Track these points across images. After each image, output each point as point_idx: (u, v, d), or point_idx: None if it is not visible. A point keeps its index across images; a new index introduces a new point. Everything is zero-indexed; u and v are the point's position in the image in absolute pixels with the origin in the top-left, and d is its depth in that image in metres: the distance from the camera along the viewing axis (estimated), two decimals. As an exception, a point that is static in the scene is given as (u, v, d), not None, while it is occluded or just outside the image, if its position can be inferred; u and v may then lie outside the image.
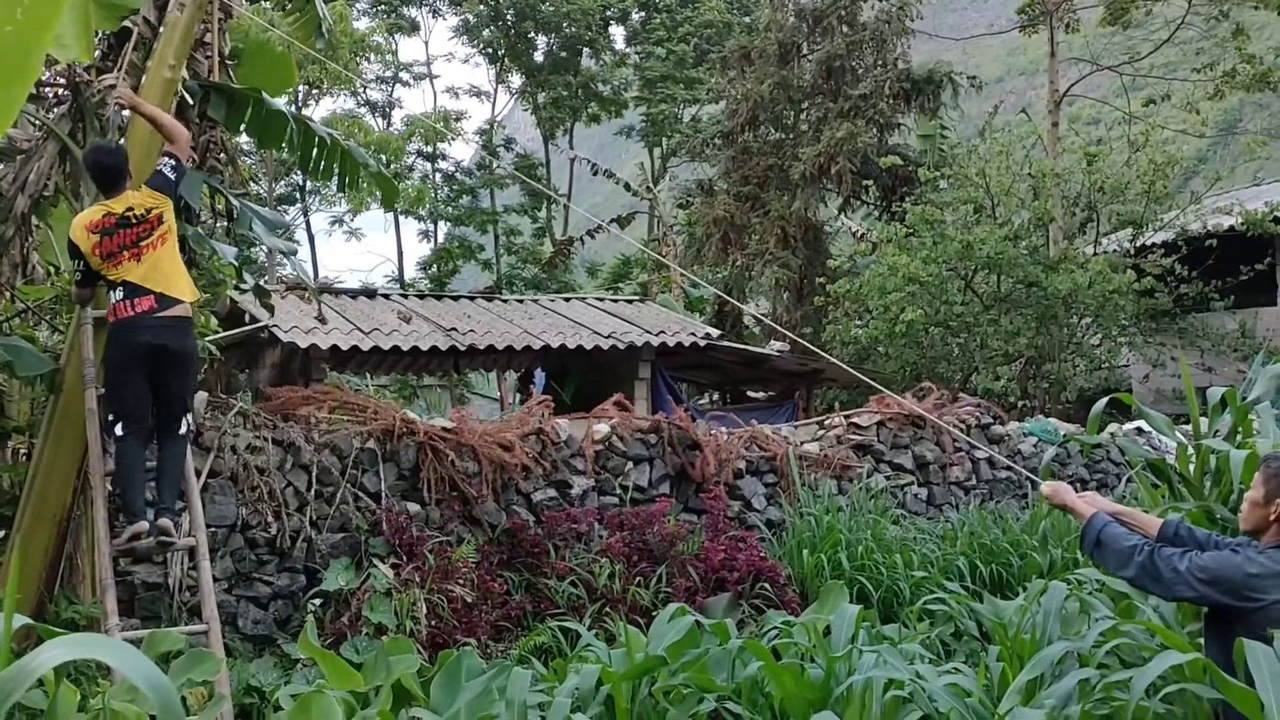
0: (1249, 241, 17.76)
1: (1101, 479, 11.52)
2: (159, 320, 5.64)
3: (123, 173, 5.74)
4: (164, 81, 6.26)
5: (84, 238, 5.62)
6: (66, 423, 6.13)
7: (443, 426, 8.03)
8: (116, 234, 5.60)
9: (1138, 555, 3.64)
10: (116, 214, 5.62)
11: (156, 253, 5.66)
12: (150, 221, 5.65)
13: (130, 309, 5.59)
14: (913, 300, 16.34)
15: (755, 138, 23.98)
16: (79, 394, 6.04)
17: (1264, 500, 3.71)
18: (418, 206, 32.95)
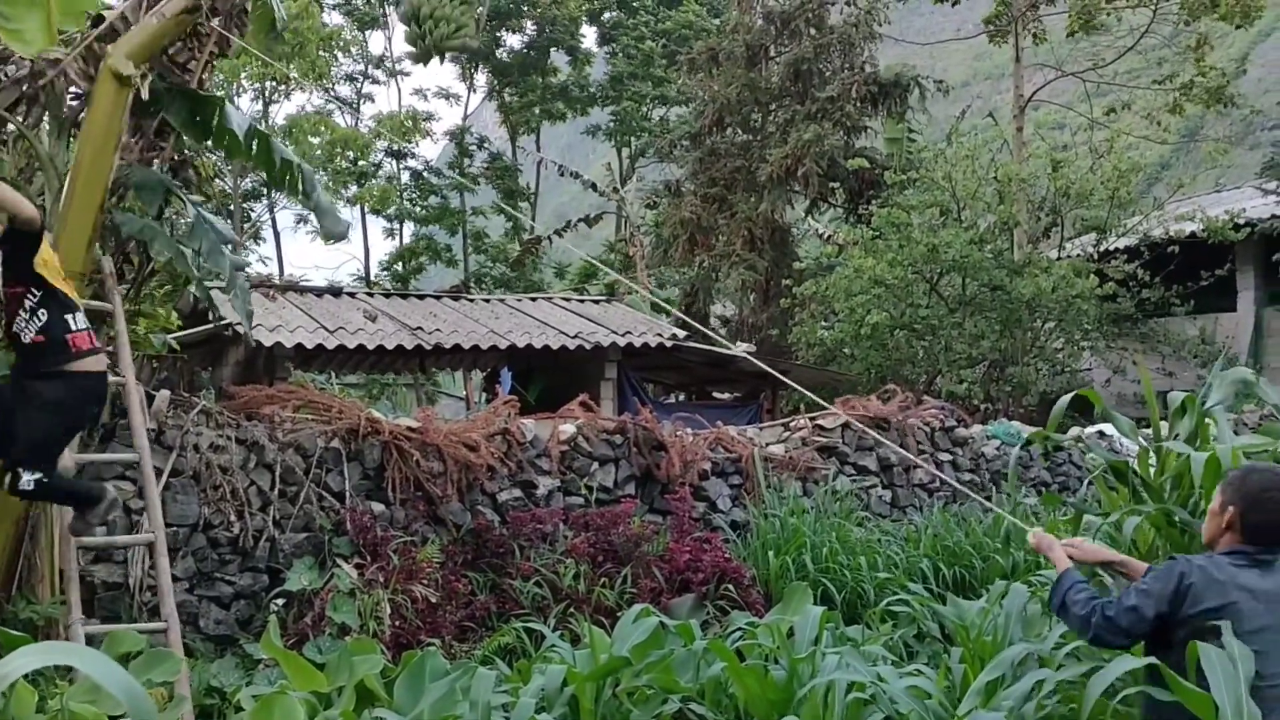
0: (1210, 248, 17.97)
1: (1064, 482, 11.62)
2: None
3: None
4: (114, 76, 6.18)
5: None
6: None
7: (408, 426, 8.00)
8: None
9: (1093, 618, 3.64)
10: None
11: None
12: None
13: (92, 342, 5.13)
14: (878, 303, 16.42)
15: (723, 139, 24.04)
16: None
17: (1219, 509, 3.75)
18: (384, 206, 32.84)
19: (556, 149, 37.07)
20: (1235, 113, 23.29)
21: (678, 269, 25.12)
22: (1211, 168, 21.08)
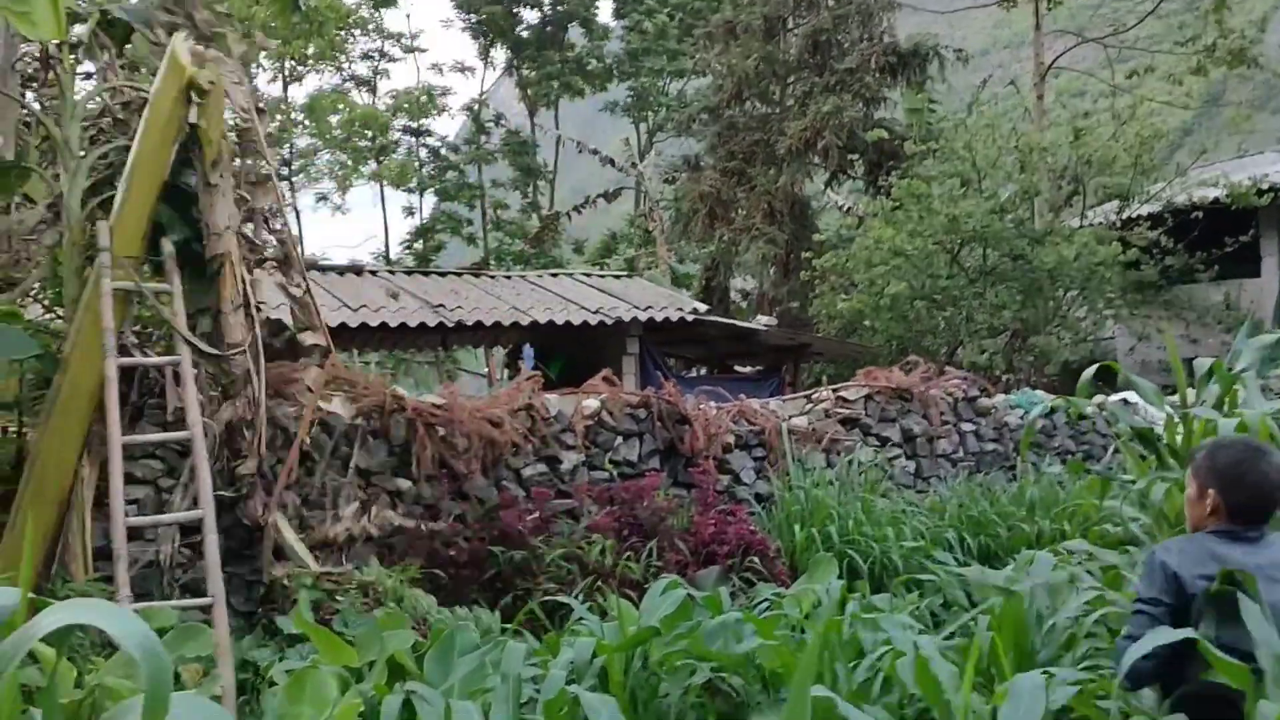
0: (1233, 214, 17.85)
1: (1088, 450, 11.59)
2: None
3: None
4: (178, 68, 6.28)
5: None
6: (72, 400, 6.15)
7: (432, 403, 8.02)
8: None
9: (1123, 660, 3.37)
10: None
11: None
12: None
13: None
14: (898, 274, 16.37)
15: (741, 112, 23.96)
16: (88, 368, 6.06)
17: (1197, 495, 3.61)
18: (402, 181, 32.88)
19: (574, 125, 36.95)
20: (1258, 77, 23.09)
21: (697, 243, 25.09)
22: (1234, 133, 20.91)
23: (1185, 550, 3.47)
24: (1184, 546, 3.51)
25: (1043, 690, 3.40)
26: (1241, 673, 3.06)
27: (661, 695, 4.85)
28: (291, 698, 4.68)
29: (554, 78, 33.14)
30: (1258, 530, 3.50)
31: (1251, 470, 3.51)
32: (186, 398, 6.24)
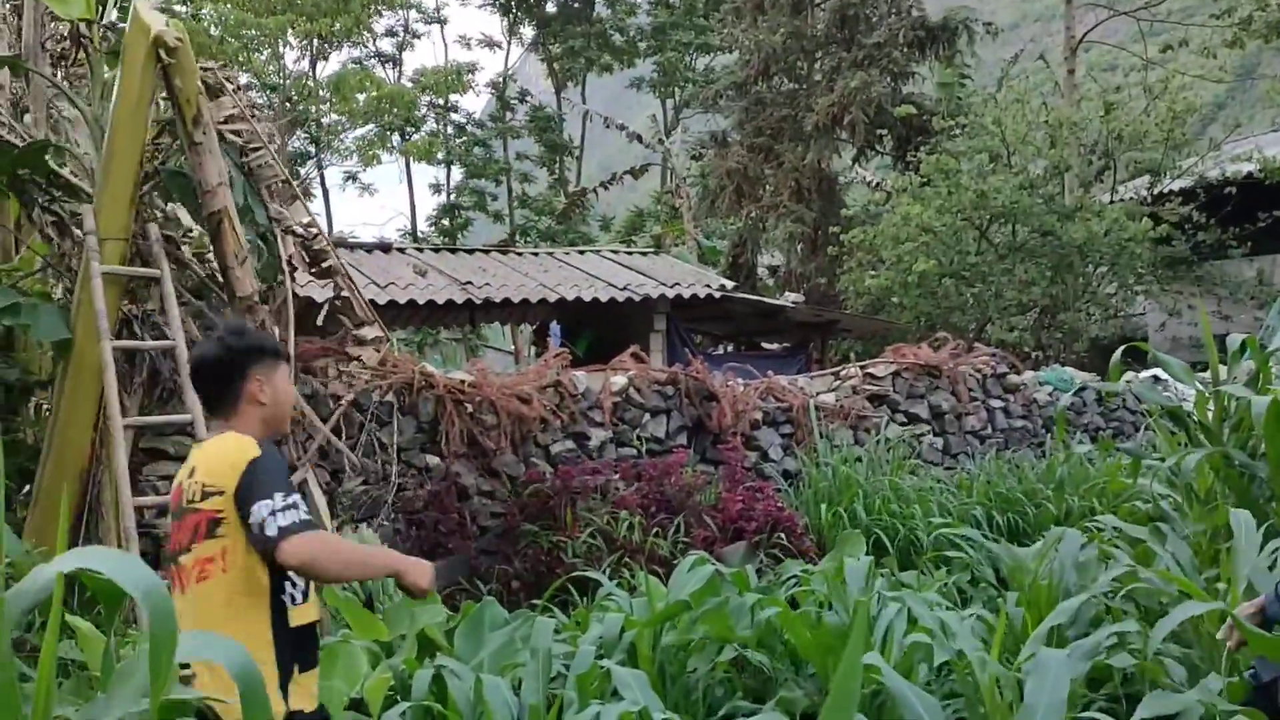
0: (1267, 188, 17.62)
1: (1117, 427, 11.54)
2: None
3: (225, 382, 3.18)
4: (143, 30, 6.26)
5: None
6: (80, 379, 6.20)
7: (461, 379, 8.05)
8: (171, 520, 3.19)
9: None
10: (181, 480, 3.14)
11: (194, 590, 2.98)
12: (200, 516, 2.99)
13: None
14: (926, 250, 16.29)
15: (768, 88, 23.84)
16: (92, 348, 6.10)
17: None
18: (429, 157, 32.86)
19: (601, 102, 36.85)
20: (1293, 50, 22.75)
21: (724, 220, 25.02)
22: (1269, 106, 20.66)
23: None
24: None
25: (1067, 665, 3.40)
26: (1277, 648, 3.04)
27: (690, 671, 4.87)
28: (323, 671, 4.72)
29: (580, 53, 32.98)
30: None
31: None
32: (184, 380, 6.28)
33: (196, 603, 2.91)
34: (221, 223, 6.59)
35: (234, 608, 2.91)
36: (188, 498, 2.99)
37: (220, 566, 2.91)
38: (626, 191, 34.98)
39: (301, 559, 2.81)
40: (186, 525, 2.97)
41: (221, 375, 3.12)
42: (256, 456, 2.94)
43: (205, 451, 3.07)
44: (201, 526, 2.93)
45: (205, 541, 2.93)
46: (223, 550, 2.91)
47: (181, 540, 2.97)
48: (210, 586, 2.92)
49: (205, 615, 2.87)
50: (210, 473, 2.96)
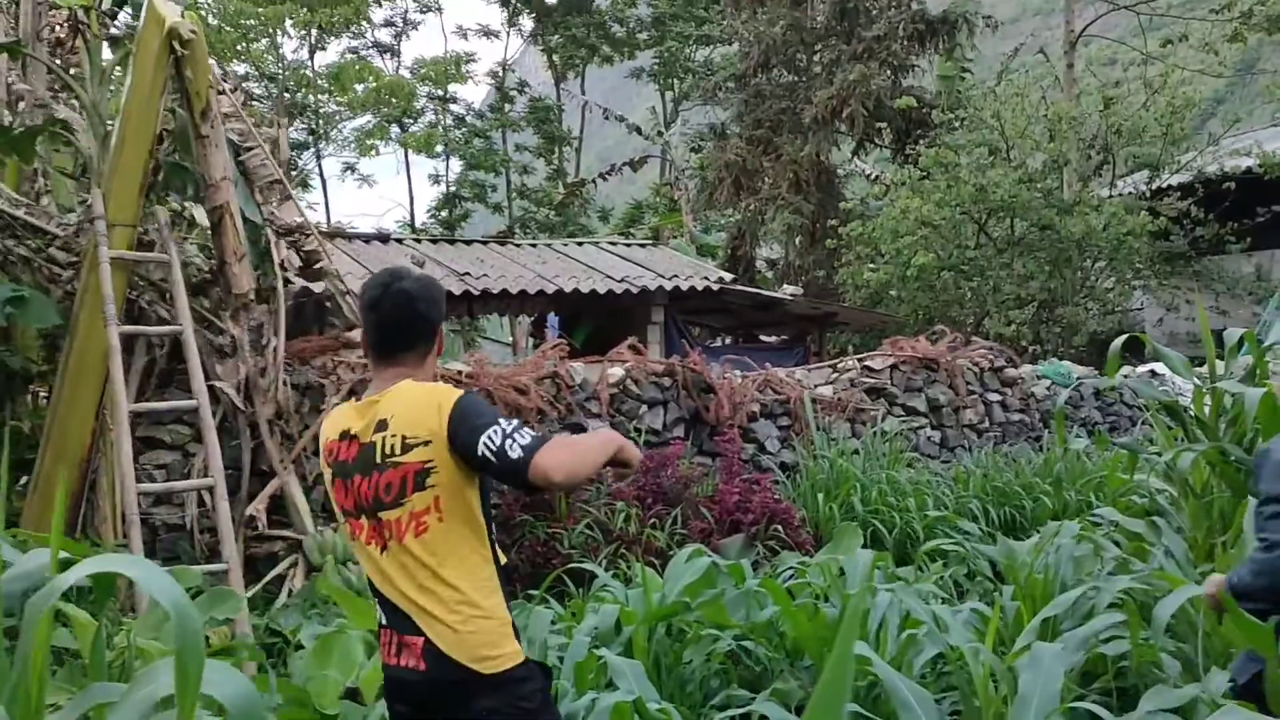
0: (1266, 183, 17.61)
1: (1114, 422, 11.55)
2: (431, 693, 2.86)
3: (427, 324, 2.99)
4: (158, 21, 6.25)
5: (324, 449, 3.07)
6: (84, 365, 6.20)
7: (458, 370, 8.05)
8: (352, 477, 2.93)
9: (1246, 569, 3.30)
10: (357, 432, 2.94)
11: (403, 547, 2.84)
12: (405, 470, 2.83)
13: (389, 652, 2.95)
14: (925, 244, 16.30)
15: (767, 80, 23.81)
16: (95, 333, 6.09)
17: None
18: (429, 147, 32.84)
19: (600, 93, 36.81)
20: (1293, 45, 22.74)
21: (723, 212, 25.00)
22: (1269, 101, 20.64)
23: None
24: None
25: (1060, 657, 3.40)
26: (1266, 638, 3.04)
27: (685, 662, 4.88)
28: (319, 661, 4.74)
29: (580, 44, 32.94)
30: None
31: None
32: (190, 366, 6.28)
33: (415, 557, 2.80)
34: (223, 218, 6.59)
35: (459, 555, 2.81)
36: (384, 452, 2.83)
37: (436, 516, 2.80)
38: (625, 184, 34.98)
39: (559, 468, 2.67)
40: (387, 480, 2.82)
41: (428, 322, 2.97)
42: (460, 396, 2.81)
43: (392, 403, 2.86)
44: (409, 480, 2.80)
45: (415, 495, 2.80)
46: (435, 500, 2.80)
47: (381, 495, 2.83)
48: (431, 539, 2.80)
49: (429, 565, 2.79)
50: (410, 424, 2.81)
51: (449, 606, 2.78)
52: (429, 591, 2.79)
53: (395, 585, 2.83)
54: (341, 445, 2.93)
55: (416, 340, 2.94)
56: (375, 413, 2.87)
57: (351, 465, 2.89)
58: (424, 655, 2.79)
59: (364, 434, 2.88)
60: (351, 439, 2.91)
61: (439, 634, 2.77)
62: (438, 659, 2.77)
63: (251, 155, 7.33)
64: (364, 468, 2.86)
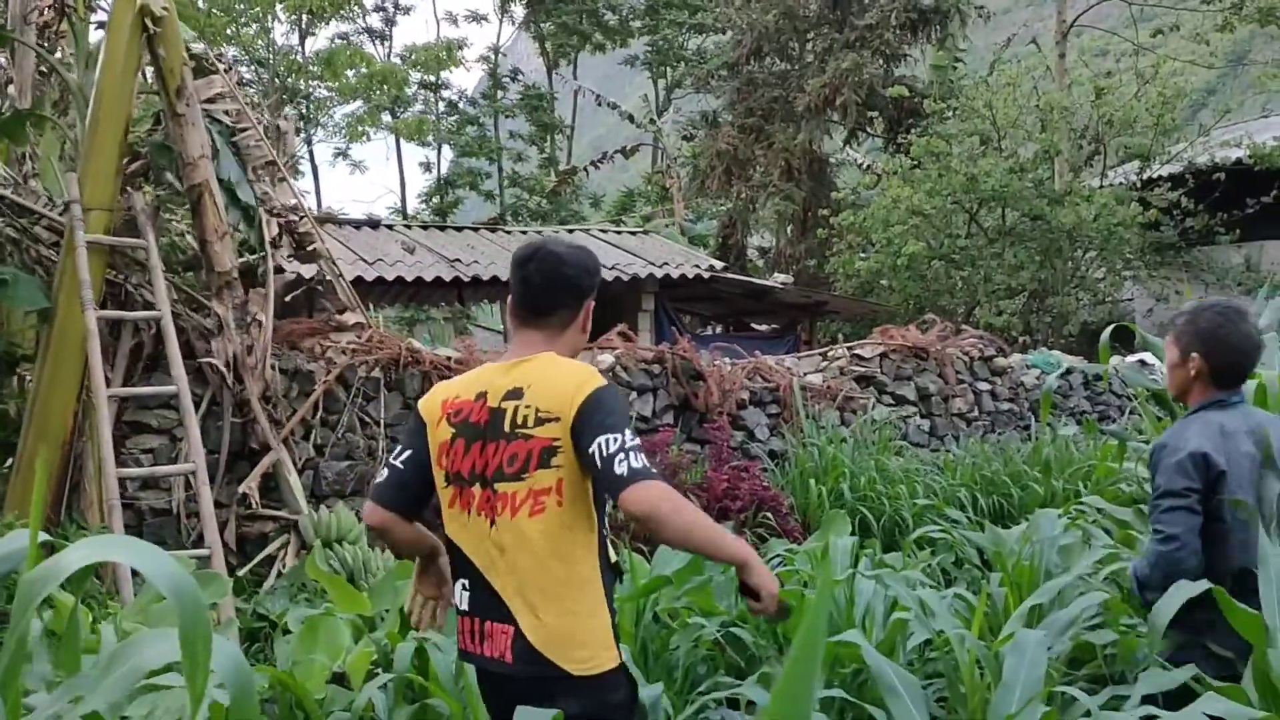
0: (1256, 175, 17.62)
1: (1103, 411, 11.56)
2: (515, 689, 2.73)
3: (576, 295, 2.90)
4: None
5: (434, 413, 2.89)
6: (63, 347, 6.19)
7: (448, 356, 8.04)
8: (477, 440, 2.79)
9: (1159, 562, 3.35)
10: (484, 399, 2.80)
11: (516, 524, 2.71)
12: (533, 444, 2.71)
13: (470, 639, 2.83)
14: (916, 233, 16.30)
15: (760, 69, 23.79)
16: (75, 317, 6.07)
17: (1180, 360, 3.61)
18: (418, 137, 32.75)
19: (593, 81, 36.65)
20: (1285, 36, 22.74)
21: (714, 201, 24.99)
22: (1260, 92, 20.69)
23: (1196, 430, 3.46)
24: (1191, 427, 3.50)
25: (1044, 643, 3.40)
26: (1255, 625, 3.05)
27: (672, 648, 4.88)
28: (305, 645, 4.72)
29: (572, 31, 32.83)
30: (1238, 394, 3.58)
31: (1234, 331, 3.54)
32: (169, 351, 6.26)
33: (526, 537, 2.67)
34: (202, 196, 6.57)
35: (570, 544, 2.69)
36: (514, 421, 2.71)
37: (556, 499, 2.67)
38: (618, 172, 34.95)
39: (646, 509, 2.54)
40: (513, 451, 2.70)
41: (575, 288, 2.85)
42: (602, 385, 2.69)
43: (530, 372, 2.75)
44: (535, 454, 2.67)
45: (539, 471, 2.68)
46: (558, 482, 2.67)
47: (504, 465, 2.70)
48: (545, 521, 2.67)
49: (537, 549, 2.66)
50: (547, 398, 2.69)
51: (549, 595, 2.66)
52: (532, 576, 2.67)
53: (496, 564, 2.71)
54: (475, 406, 2.78)
55: (558, 305, 2.84)
56: (511, 378, 2.76)
57: (480, 428, 2.75)
58: (512, 646, 2.68)
59: (494, 398, 2.76)
60: (485, 400, 2.77)
61: (532, 625, 2.66)
62: (526, 652, 2.66)
63: (245, 135, 7.30)
64: (492, 433, 2.74)
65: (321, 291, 7.90)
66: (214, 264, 6.72)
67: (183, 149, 6.62)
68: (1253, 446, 3.44)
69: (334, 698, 4.48)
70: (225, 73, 7.48)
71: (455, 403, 2.81)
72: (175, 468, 6.42)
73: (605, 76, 50.01)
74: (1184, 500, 3.33)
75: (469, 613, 2.78)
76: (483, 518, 2.72)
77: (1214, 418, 3.50)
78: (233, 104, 7.36)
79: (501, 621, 2.69)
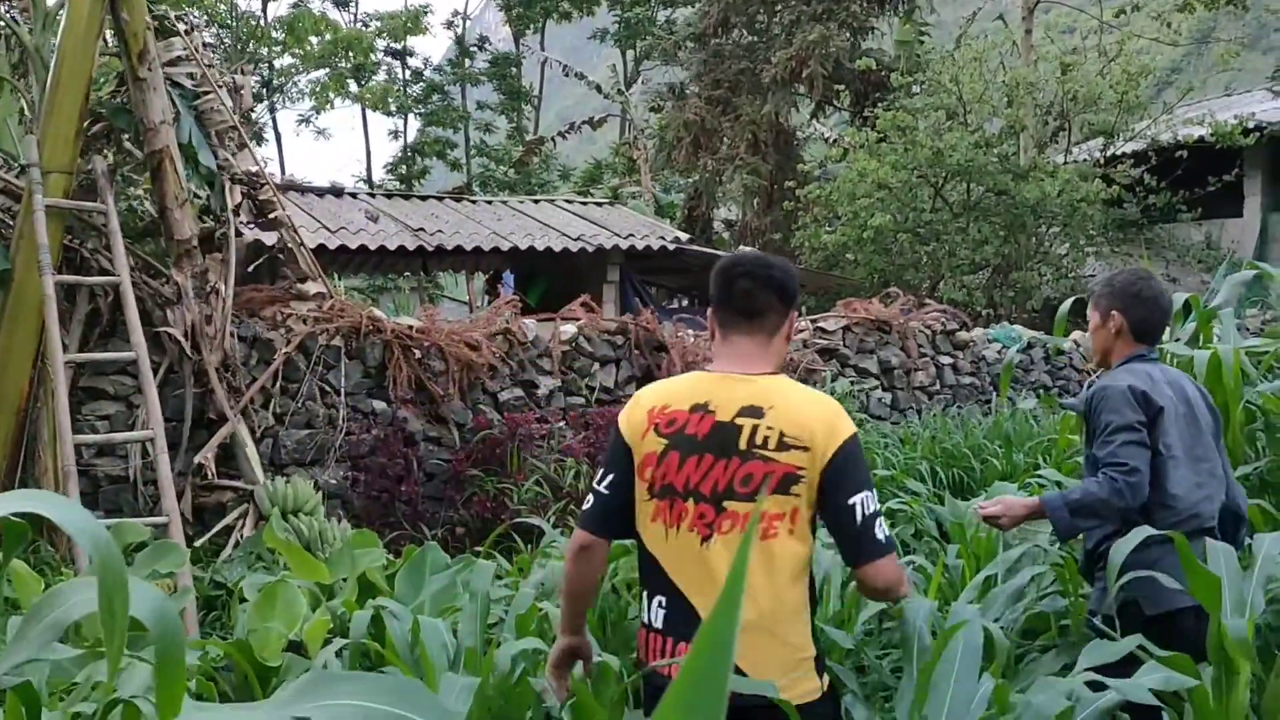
0: (1218, 153, 17.75)
1: (1064, 385, 11.65)
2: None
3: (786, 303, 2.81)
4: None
5: (638, 425, 2.77)
6: (20, 312, 6.11)
7: (409, 325, 8.00)
8: (696, 454, 2.67)
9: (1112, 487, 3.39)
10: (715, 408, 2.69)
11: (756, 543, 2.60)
12: (774, 467, 2.61)
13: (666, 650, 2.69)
14: (882, 206, 16.32)
15: (727, 41, 23.69)
16: (32, 282, 5.99)
17: (1102, 321, 3.75)
18: (383, 104, 32.48)
19: (560, 52, 36.43)
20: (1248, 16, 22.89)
21: (681, 172, 24.93)
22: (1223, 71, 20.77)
23: (1129, 374, 3.59)
24: (1122, 373, 3.62)
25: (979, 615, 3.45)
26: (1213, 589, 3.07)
27: (630, 618, 4.88)
28: (262, 612, 4.69)
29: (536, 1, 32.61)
30: (1155, 351, 3.76)
31: (1146, 288, 3.71)
32: (128, 317, 6.20)
33: (758, 559, 2.58)
34: (163, 162, 6.50)
35: (788, 573, 2.60)
36: (755, 440, 2.59)
37: (788, 527, 2.59)
38: (586, 143, 34.80)
39: (889, 582, 2.59)
40: (748, 470, 2.59)
41: (783, 289, 2.75)
42: (855, 430, 2.64)
43: (769, 393, 2.65)
44: (774, 478, 2.57)
45: (776, 495, 2.59)
46: (794, 510, 2.59)
47: (735, 484, 2.60)
48: (774, 547, 2.58)
49: (757, 575, 2.57)
50: (795, 424, 2.59)
51: (762, 621, 2.57)
52: (749, 599, 2.52)
53: (702, 584, 2.60)
54: (693, 417, 2.65)
55: (769, 307, 2.74)
56: (746, 393, 2.65)
57: (701, 442, 2.63)
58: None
59: (723, 412, 2.64)
60: (708, 413, 2.65)
61: (750, 659, 2.54)
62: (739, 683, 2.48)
63: (207, 99, 7.21)
64: (720, 449, 2.62)
65: (283, 260, 7.82)
66: (173, 231, 6.64)
67: (144, 114, 6.53)
68: (1174, 395, 3.59)
69: (290, 665, 4.47)
70: (188, 34, 7.38)
71: (666, 413, 2.69)
72: (133, 434, 6.37)
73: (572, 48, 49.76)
74: (1137, 434, 3.44)
75: (662, 631, 2.67)
76: (694, 534, 2.62)
77: (1140, 368, 3.64)
78: (195, 68, 7.27)
79: None
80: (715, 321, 2.80)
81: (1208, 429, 3.64)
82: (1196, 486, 3.52)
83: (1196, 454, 3.56)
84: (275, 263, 11.20)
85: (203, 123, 7.14)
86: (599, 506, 2.77)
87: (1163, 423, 3.50)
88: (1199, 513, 3.51)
